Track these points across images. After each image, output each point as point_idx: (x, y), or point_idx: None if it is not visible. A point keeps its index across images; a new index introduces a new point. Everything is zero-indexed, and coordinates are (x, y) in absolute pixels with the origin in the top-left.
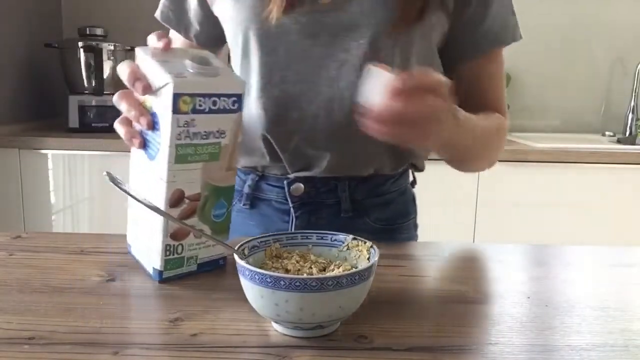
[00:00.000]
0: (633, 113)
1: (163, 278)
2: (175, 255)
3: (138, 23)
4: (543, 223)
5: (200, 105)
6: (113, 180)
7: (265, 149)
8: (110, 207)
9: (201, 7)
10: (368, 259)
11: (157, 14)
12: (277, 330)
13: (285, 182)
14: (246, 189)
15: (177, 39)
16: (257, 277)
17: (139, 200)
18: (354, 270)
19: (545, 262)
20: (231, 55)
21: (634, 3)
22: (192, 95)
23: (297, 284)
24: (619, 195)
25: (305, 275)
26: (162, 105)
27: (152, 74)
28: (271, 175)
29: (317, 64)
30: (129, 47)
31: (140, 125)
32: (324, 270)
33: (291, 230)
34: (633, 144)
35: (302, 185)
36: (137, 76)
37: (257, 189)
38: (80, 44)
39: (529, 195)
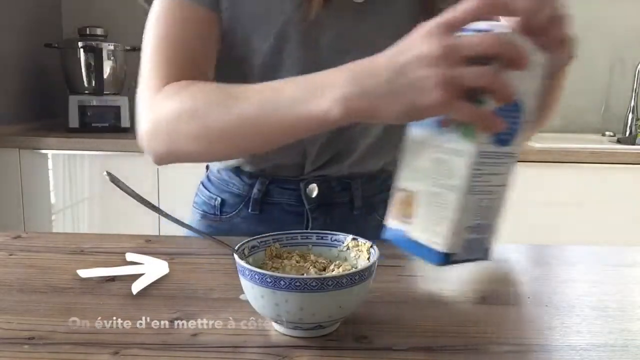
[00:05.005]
0: (633, 113)
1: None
2: None
3: (138, 23)
4: (543, 223)
5: None
6: (113, 180)
7: (294, 145)
8: (110, 207)
9: None
10: (368, 259)
11: None
12: (277, 330)
13: (301, 184)
14: (255, 194)
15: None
16: (257, 277)
17: (138, 199)
18: (354, 270)
19: (545, 262)
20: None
21: (634, 3)
22: None
23: (297, 284)
24: (619, 195)
25: (305, 275)
26: (533, 84)
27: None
28: (282, 177)
29: (359, 56)
30: (129, 47)
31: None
32: (324, 270)
33: None
34: (633, 144)
35: (316, 186)
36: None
37: (267, 194)
38: (80, 44)
39: (529, 195)
